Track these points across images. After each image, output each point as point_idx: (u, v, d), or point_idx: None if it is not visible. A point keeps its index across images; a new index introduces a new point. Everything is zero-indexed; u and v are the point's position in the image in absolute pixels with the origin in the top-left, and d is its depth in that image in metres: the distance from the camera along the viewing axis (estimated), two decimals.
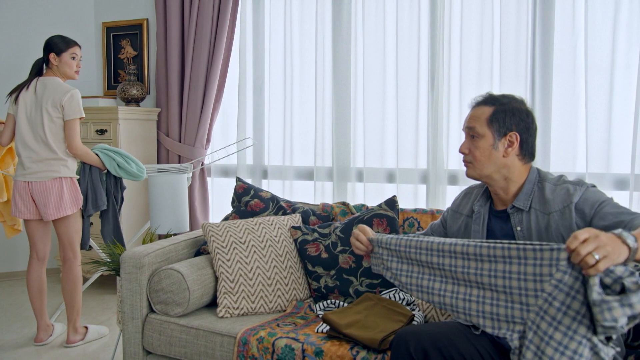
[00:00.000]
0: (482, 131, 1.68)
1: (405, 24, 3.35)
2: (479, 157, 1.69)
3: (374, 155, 3.51)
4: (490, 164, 1.69)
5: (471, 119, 1.72)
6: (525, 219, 1.68)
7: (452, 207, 1.92)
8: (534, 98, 3.11)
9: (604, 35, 2.94)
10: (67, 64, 2.93)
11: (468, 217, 1.83)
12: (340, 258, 2.39)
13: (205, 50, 3.72)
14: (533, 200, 1.68)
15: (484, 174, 1.71)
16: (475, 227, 1.78)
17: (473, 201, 1.84)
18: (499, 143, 1.68)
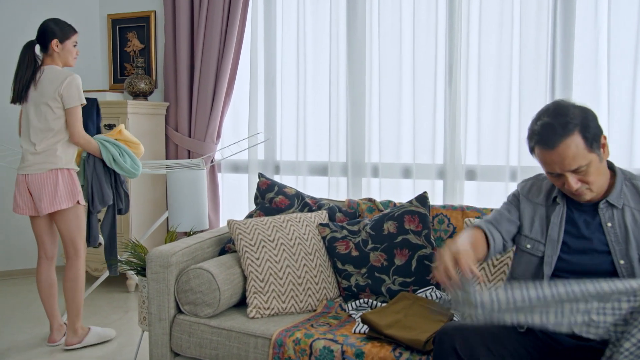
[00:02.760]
0: (587, 161, 1.57)
1: (422, 15, 3.30)
2: (595, 180, 1.60)
3: (390, 150, 3.46)
4: (602, 176, 1.63)
5: (569, 161, 1.55)
6: (617, 216, 1.64)
7: (523, 193, 1.81)
8: (554, 91, 3.08)
9: (627, 26, 2.91)
10: (70, 52, 2.82)
11: (543, 207, 1.75)
12: (371, 256, 2.35)
13: (216, 43, 3.64)
14: (625, 198, 1.65)
15: (602, 190, 1.64)
16: (554, 220, 1.70)
17: (549, 191, 1.76)
18: (601, 154, 1.61)
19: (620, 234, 1.63)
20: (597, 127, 1.60)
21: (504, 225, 1.79)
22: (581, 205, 1.69)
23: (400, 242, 2.33)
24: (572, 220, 1.70)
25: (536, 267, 1.73)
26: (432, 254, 2.31)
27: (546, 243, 1.71)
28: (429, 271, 2.28)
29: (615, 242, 1.63)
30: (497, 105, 3.20)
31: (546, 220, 1.73)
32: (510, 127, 3.17)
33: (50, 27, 2.79)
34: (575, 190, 1.60)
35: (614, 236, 1.64)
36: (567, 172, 1.58)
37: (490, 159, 3.26)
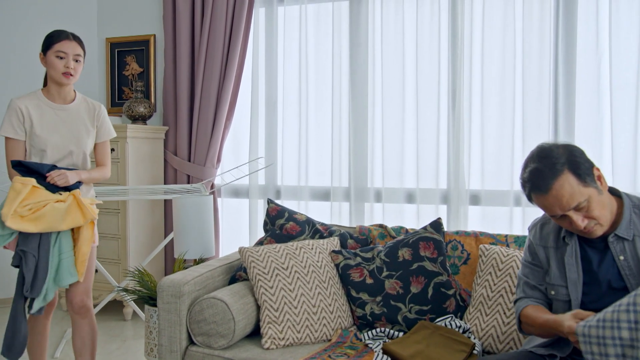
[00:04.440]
0: (585, 196, 1.55)
1: (425, 40, 3.32)
2: (600, 214, 1.58)
3: (393, 175, 3.45)
4: (607, 209, 1.60)
5: (568, 200, 1.55)
6: (628, 247, 1.60)
7: (535, 242, 1.78)
8: (557, 117, 3.11)
9: (629, 52, 2.97)
10: (51, 65, 2.34)
11: (555, 249, 1.73)
12: (386, 283, 2.31)
13: (217, 67, 3.62)
14: (635, 228, 1.61)
15: (610, 223, 1.61)
16: (569, 260, 1.67)
17: (557, 232, 1.73)
18: (598, 187, 1.58)
19: (635, 267, 1.59)
20: (587, 161, 1.58)
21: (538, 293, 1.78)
22: (591, 242, 1.67)
23: (416, 269, 2.30)
24: (586, 258, 1.67)
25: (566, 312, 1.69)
26: (448, 282, 2.28)
27: (568, 285, 1.68)
28: (446, 299, 2.25)
29: (630, 276, 1.59)
30: (501, 130, 3.22)
31: (562, 262, 1.70)
32: (514, 152, 3.18)
33: None
34: (584, 228, 1.58)
35: (627, 270, 1.60)
36: (569, 212, 1.57)
37: (494, 183, 3.26)
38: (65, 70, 2.34)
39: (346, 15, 3.48)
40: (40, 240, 2.29)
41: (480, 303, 2.20)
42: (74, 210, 2.30)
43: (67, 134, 2.39)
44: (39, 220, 2.25)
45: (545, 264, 1.75)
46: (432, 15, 3.30)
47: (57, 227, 2.28)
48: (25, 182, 2.26)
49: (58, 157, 2.38)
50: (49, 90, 2.41)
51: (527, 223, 3.18)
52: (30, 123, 2.35)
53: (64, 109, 2.41)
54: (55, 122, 2.38)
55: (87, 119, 2.45)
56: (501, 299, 2.15)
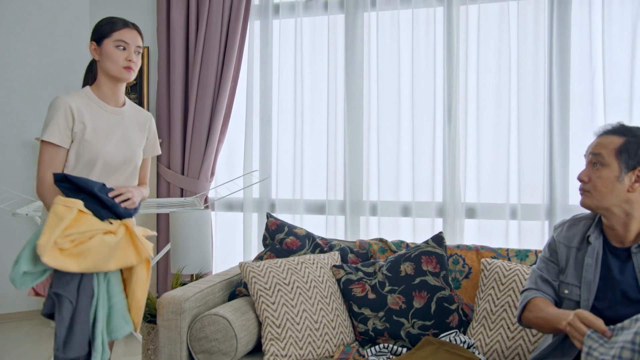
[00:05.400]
0: (608, 160, 1.61)
1: (420, 55, 3.34)
2: (600, 187, 1.62)
3: (389, 188, 3.45)
4: (612, 197, 1.61)
5: (598, 146, 1.65)
6: None
7: (559, 240, 1.79)
8: (552, 130, 3.13)
9: (621, 68, 3.01)
10: (109, 56, 1.96)
11: (577, 250, 1.73)
12: (389, 298, 2.29)
13: (212, 80, 3.60)
14: None
15: (602, 206, 1.63)
16: (588, 261, 1.68)
17: (584, 232, 1.75)
18: (625, 176, 1.60)
19: None
20: None
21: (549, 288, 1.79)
22: (615, 249, 1.67)
23: (419, 283, 2.29)
24: (606, 263, 1.67)
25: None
26: (451, 296, 2.27)
27: (581, 286, 1.69)
28: (449, 314, 2.24)
29: None
30: (496, 144, 3.24)
31: (581, 263, 1.71)
32: (510, 165, 3.20)
33: (93, 27, 2.06)
34: (581, 183, 1.67)
35: None
36: (589, 160, 1.67)
37: (490, 197, 3.27)
38: (127, 63, 1.98)
39: (342, 29, 3.49)
40: (81, 282, 1.80)
41: (484, 318, 2.19)
42: (125, 245, 1.85)
43: (122, 143, 2.01)
44: (83, 256, 1.76)
45: (562, 263, 1.76)
46: (427, 27, 3.32)
47: (103, 267, 1.81)
48: (70, 205, 1.78)
49: (109, 171, 1.98)
50: (100, 88, 2.01)
51: (523, 236, 3.20)
52: (82, 127, 1.92)
53: (117, 112, 2.03)
54: (109, 128, 1.99)
55: (139, 128, 2.09)
56: (505, 314, 2.14)
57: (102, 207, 1.85)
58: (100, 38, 2.00)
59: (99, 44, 2.00)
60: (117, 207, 1.88)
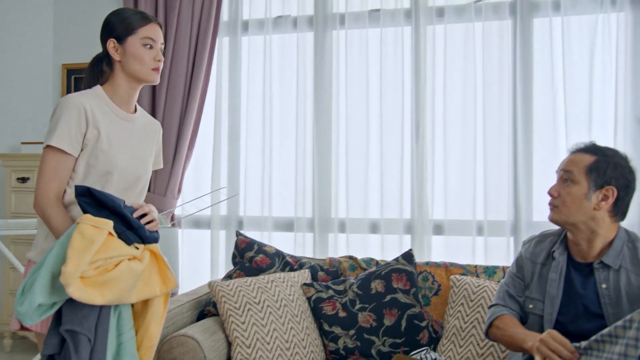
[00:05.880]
0: (578, 178, 1.66)
1: (389, 74, 3.38)
2: (568, 203, 1.66)
3: (357, 206, 3.46)
4: (579, 213, 1.66)
5: (569, 163, 1.71)
6: (612, 277, 1.65)
7: (526, 256, 1.84)
8: (516, 148, 3.20)
9: (580, 92, 3.11)
10: (135, 56, 1.73)
11: (543, 265, 1.77)
12: (359, 316, 2.29)
13: (179, 96, 3.56)
14: (623, 259, 1.66)
15: (569, 221, 1.68)
16: (552, 276, 1.72)
17: (550, 248, 1.79)
18: (592, 194, 1.65)
19: (614, 296, 1.63)
20: (614, 177, 1.65)
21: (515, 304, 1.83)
22: (579, 265, 1.72)
23: (389, 301, 2.29)
24: (569, 279, 1.72)
25: (539, 328, 1.74)
26: (421, 313, 2.28)
27: (545, 301, 1.72)
28: (419, 331, 2.25)
29: (609, 305, 1.63)
30: (463, 161, 3.29)
31: (546, 278, 1.75)
32: (476, 182, 3.25)
33: (106, 22, 1.81)
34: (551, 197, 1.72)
35: (607, 298, 1.64)
36: (559, 176, 1.72)
37: (457, 213, 3.32)
38: (156, 64, 1.75)
39: (311, 46, 3.51)
40: (100, 315, 1.54)
41: (454, 334, 2.20)
42: (150, 274, 1.61)
43: (135, 154, 1.78)
44: (108, 286, 1.50)
45: (528, 278, 1.80)
46: (395, 46, 3.37)
47: (127, 298, 1.55)
48: (100, 226, 1.52)
49: (124, 185, 1.74)
50: (115, 90, 1.77)
51: (489, 252, 3.25)
52: (97, 133, 1.68)
53: (130, 119, 1.80)
54: (123, 136, 1.76)
55: (149, 138, 1.87)
56: (474, 330, 2.16)
57: (128, 228, 1.60)
58: (123, 35, 1.74)
59: (121, 42, 1.74)
60: (143, 229, 1.63)
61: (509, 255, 3.17)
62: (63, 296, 1.48)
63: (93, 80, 1.81)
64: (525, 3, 3.18)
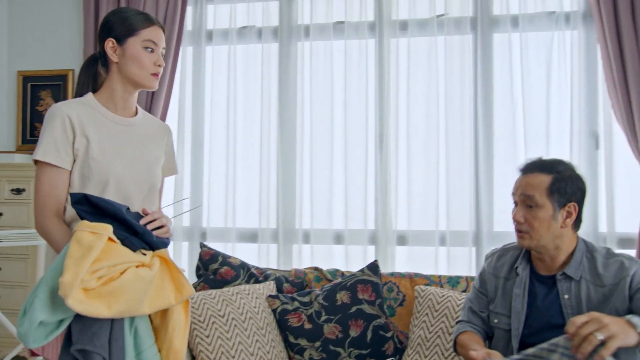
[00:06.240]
0: (542, 201, 1.65)
1: (353, 85, 3.40)
2: (537, 228, 1.66)
3: (322, 216, 3.46)
4: (548, 235, 1.67)
5: (528, 187, 1.69)
6: (574, 288, 1.68)
7: (489, 270, 1.86)
8: (478, 160, 3.27)
9: (538, 108, 3.20)
10: (135, 59, 1.66)
11: (506, 280, 1.80)
12: (325, 328, 2.28)
13: (141, 106, 3.49)
14: (583, 270, 1.69)
15: (540, 245, 1.69)
16: (516, 291, 1.74)
17: (512, 263, 1.81)
18: (558, 214, 1.66)
19: (576, 307, 1.66)
20: (573, 193, 1.68)
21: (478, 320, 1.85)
22: (542, 277, 1.75)
23: (355, 312, 2.30)
24: (532, 292, 1.74)
25: (505, 342, 1.76)
26: (387, 324, 2.29)
27: (511, 315, 1.75)
28: (385, 342, 2.26)
29: (571, 315, 1.65)
30: (426, 172, 3.33)
31: (510, 293, 1.78)
32: (439, 193, 3.30)
33: (106, 20, 1.72)
34: (517, 225, 1.70)
35: (570, 309, 1.67)
36: (520, 200, 1.69)
37: (420, 224, 3.35)
38: (156, 69, 1.68)
39: (275, 57, 3.51)
40: (112, 330, 1.42)
41: (419, 345, 2.22)
42: (162, 281, 1.49)
43: (135, 160, 1.68)
44: (115, 296, 1.39)
45: (492, 293, 1.82)
46: (360, 58, 3.40)
47: (138, 310, 1.42)
48: (99, 231, 1.42)
49: (125, 193, 1.64)
50: (110, 94, 1.69)
51: (452, 263, 3.29)
52: (86, 142, 1.60)
53: (128, 123, 1.71)
54: (119, 142, 1.67)
55: (155, 142, 1.76)
56: (439, 340, 2.19)
57: (133, 234, 1.50)
58: (124, 36, 1.66)
59: (121, 43, 1.66)
60: (150, 234, 1.53)
61: (471, 265, 3.23)
62: (68, 312, 1.38)
63: (86, 85, 1.72)
64: (485, 18, 3.26)
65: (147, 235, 1.52)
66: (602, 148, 3.13)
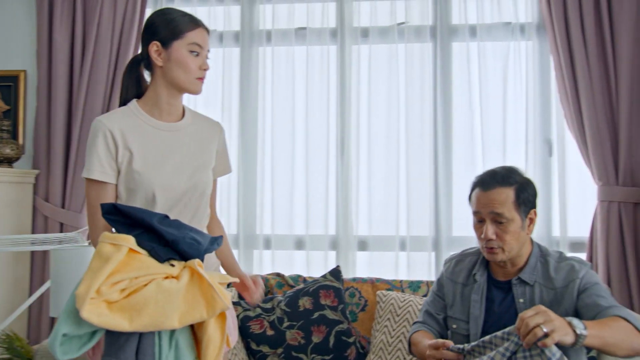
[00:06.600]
0: (511, 216, 1.68)
1: (315, 91, 3.41)
2: (509, 241, 1.69)
3: (282, 222, 3.45)
4: (518, 245, 1.72)
5: (496, 204, 1.70)
6: (529, 292, 1.73)
7: (447, 275, 1.89)
8: (437, 165, 3.32)
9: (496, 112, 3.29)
10: (180, 63, 1.62)
11: (464, 286, 1.83)
12: (287, 334, 2.27)
13: (99, 108, 3.41)
14: (537, 274, 1.74)
15: (512, 256, 1.73)
16: (474, 297, 1.78)
17: (470, 269, 1.85)
18: (524, 223, 1.72)
19: None
20: (533, 199, 1.74)
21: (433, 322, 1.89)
22: (499, 283, 1.80)
23: (317, 318, 2.30)
24: (490, 298, 1.79)
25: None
26: (349, 329, 2.30)
27: (469, 321, 1.79)
28: (347, 347, 2.26)
29: None
30: (387, 178, 3.37)
31: (468, 299, 1.82)
32: (399, 198, 3.33)
33: (150, 22, 1.67)
34: (488, 242, 1.70)
35: None
36: (489, 218, 1.70)
37: (381, 229, 3.38)
38: (201, 73, 1.65)
39: (237, 62, 3.49)
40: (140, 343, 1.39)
41: (381, 349, 2.24)
42: (192, 294, 1.41)
43: (182, 167, 1.64)
44: (137, 310, 1.35)
45: (449, 298, 1.85)
46: (321, 64, 3.41)
47: (164, 323, 1.37)
48: (119, 242, 1.40)
49: (172, 202, 1.61)
50: (155, 100, 1.66)
51: (412, 267, 3.33)
52: (129, 154, 1.59)
53: (174, 128, 1.67)
54: (164, 150, 1.63)
55: (204, 144, 1.71)
56: (401, 344, 2.21)
57: (163, 244, 1.45)
58: (169, 39, 1.61)
59: (166, 46, 1.60)
60: (181, 242, 1.46)
61: (430, 270, 3.27)
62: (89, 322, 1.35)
63: (130, 90, 1.70)
64: (444, 28, 3.33)
65: (179, 244, 1.46)
66: (555, 155, 3.24)
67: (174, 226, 1.49)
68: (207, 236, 1.55)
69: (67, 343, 1.36)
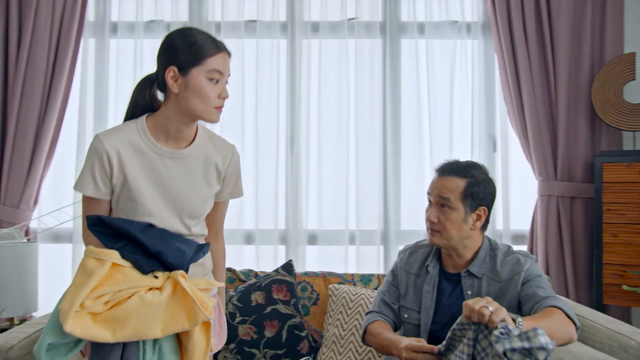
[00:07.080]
0: (455, 204, 1.74)
1: (265, 85, 3.39)
2: (449, 228, 1.75)
3: (232, 217, 3.41)
4: (458, 236, 1.76)
5: (444, 190, 1.76)
6: (476, 284, 1.78)
7: (401, 266, 1.92)
8: (386, 163, 3.38)
9: (442, 108, 3.36)
10: (199, 91, 1.54)
11: (417, 277, 1.87)
12: (240, 329, 2.25)
13: (37, 100, 3.26)
14: (485, 267, 1.80)
15: (450, 244, 1.78)
16: (426, 288, 1.82)
17: (423, 260, 1.89)
18: (469, 217, 1.76)
19: None
20: (484, 197, 1.78)
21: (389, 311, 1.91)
22: (449, 275, 1.85)
23: (270, 312, 2.29)
24: (440, 289, 1.84)
25: (414, 335, 1.83)
26: (301, 323, 2.30)
27: (420, 311, 1.83)
28: (300, 341, 2.27)
29: None
30: (337, 173, 3.39)
31: (420, 289, 1.86)
32: (349, 193, 3.37)
33: (170, 42, 1.59)
34: (430, 224, 1.78)
35: None
36: (436, 201, 1.77)
37: (330, 223, 3.41)
38: (220, 102, 1.57)
39: None
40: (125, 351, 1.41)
41: (333, 342, 2.25)
42: (175, 305, 1.43)
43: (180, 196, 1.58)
44: (120, 322, 1.37)
45: (402, 288, 1.89)
46: (271, 58, 3.39)
47: (148, 334, 1.39)
48: (102, 257, 1.40)
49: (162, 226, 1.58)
50: (164, 124, 1.57)
51: (361, 261, 3.37)
52: (123, 178, 1.54)
53: (177, 155, 1.58)
54: (162, 178, 1.57)
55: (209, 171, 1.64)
56: (353, 337, 2.23)
57: (147, 255, 1.45)
58: (188, 65, 1.51)
59: (184, 72, 1.51)
60: (165, 254, 1.45)
61: (379, 263, 3.32)
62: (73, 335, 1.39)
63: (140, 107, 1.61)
64: (394, 24, 3.38)
65: (163, 255, 1.46)
66: (499, 151, 3.35)
67: (158, 236, 1.48)
68: (193, 244, 1.53)
69: (54, 349, 1.39)
